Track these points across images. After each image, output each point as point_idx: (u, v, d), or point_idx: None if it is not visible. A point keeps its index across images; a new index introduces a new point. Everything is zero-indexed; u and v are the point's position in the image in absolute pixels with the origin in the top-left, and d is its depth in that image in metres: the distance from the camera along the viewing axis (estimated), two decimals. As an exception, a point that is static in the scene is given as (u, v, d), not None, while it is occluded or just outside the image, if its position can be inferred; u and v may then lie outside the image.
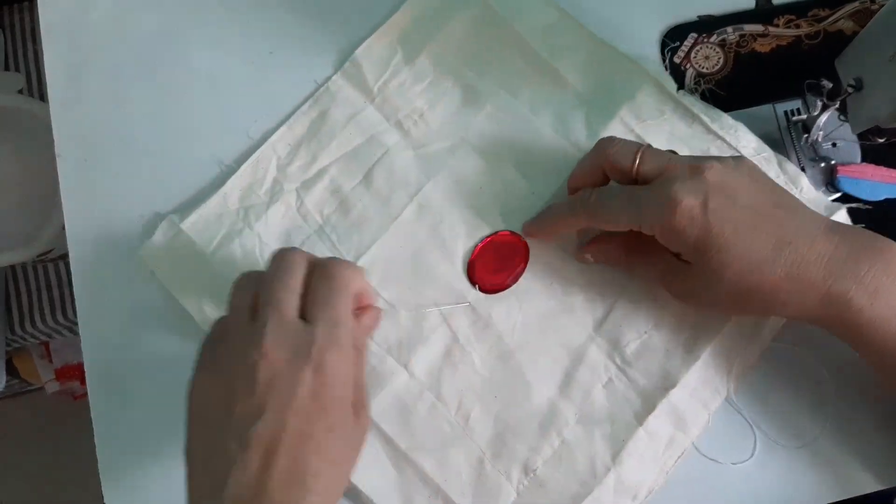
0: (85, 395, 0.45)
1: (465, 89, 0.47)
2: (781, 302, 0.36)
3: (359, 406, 0.35)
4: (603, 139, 0.41)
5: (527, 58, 0.47)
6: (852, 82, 0.42)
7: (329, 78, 0.48)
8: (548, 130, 0.46)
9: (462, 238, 0.45)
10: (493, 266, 0.44)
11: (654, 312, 0.43)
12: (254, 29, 0.49)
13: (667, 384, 0.42)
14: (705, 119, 0.45)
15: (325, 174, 0.46)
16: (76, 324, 0.52)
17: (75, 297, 0.45)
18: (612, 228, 0.40)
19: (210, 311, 0.44)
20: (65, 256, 0.88)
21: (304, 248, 0.43)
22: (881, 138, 0.44)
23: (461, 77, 0.48)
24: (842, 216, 0.44)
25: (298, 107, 0.47)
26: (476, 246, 0.45)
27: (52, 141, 0.48)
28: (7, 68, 0.92)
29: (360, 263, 0.44)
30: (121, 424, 0.44)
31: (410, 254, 0.45)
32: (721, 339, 0.42)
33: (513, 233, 0.45)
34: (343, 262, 0.36)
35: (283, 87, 0.48)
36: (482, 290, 0.44)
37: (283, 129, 0.47)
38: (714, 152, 0.45)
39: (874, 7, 0.49)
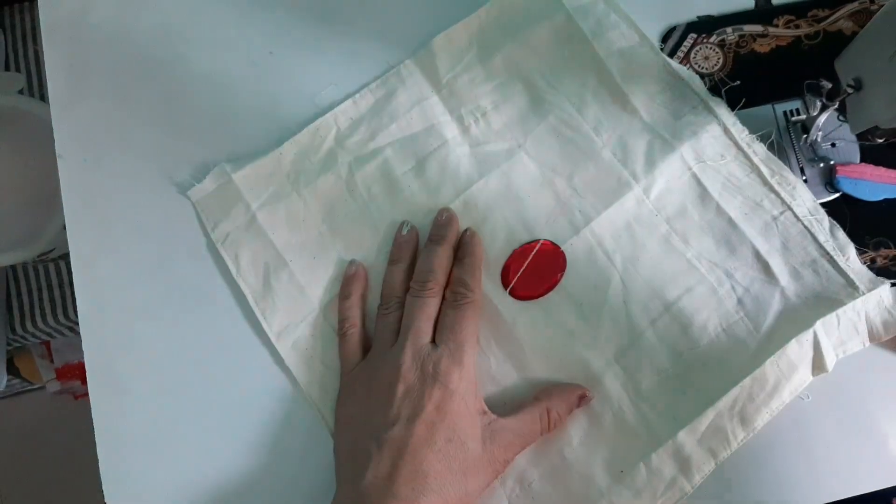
0: (86, 394, 0.45)
1: (533, 97, 0.47)
2: None
3: (485, 427, 0.40)
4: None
5: (600, 77, 0.47)
6: (851, 83, 0.42)
7: (402, 62, 0.48)
8: (607, 153, 0.46)
9: (501, 242, 0.45)
10: (528, 273, 0.44)
11: (676, 353, 0.43)
12: (254, 29, 0.49)
13: (676, 425, 0.41)
14: (765, 171, 0.45)
15: (380, 154, 0.46)
16: (77, 323, 0.52)
17: (76, 297, 0.45)
18: None
19: (246, 265, 0.45)
20: (65, 256, 0.88)
21: (345, 223, 0.45)
22: (880, 138, 0.44)
23: (531, 84, 0.47)
24: (886, 293, 0.43)
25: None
26: (514, 251, 0.45)
27: (53, 141, 0.48)
28: (7, 68, 0.92)
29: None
30: (121, 424, 0.44)
31: None
32: (740, 391, 0.41)
33: (554, 244, 0.44)
34: (469, 289, 0.42)
35: (283, 89, 0.48)
36: (513, 294, 0.44)
37: (347, 102, 0.47)
38: (766, 205, 0.45)
39: (874, 7, 0.49)
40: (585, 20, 0.48)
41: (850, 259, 0.44)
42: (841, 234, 0.44)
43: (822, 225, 0.44)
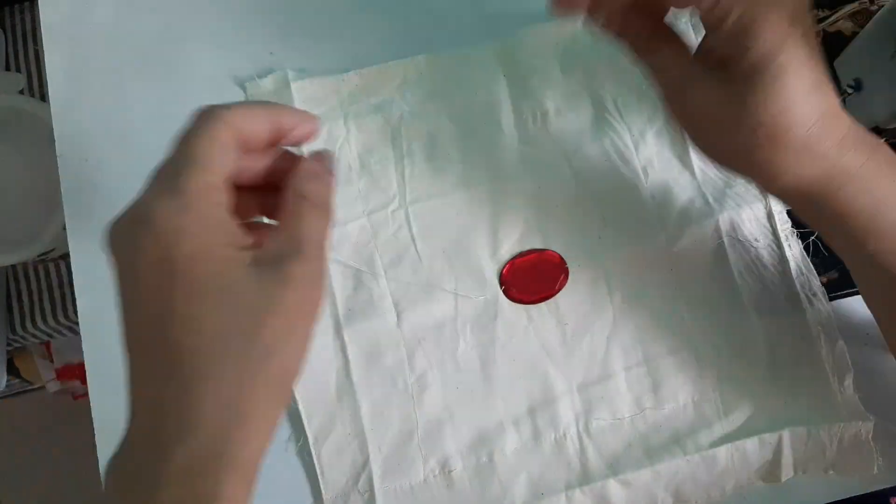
0: (86, 394, 0.45)
1: (597, 116, 0.47)
2: (792, 162, 0.32)
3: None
4: None
5: (669, 121, 0.46)
6: (852, 83, 0.42)
7: (483, 45, 0.48)
8: (647, 194, 0.45)
9: (513, 239, 0.45)
10: (526, 278, 0.44)
11: (639, 405, 0.43)
12: (254, 29, 0.49)
13: (610, 472, 0.42)
14: (793, 268, 0.44)
15: (433, 117, 0.47)
16: (77, 323, 0.52)
17: (76, 297, 0.45)
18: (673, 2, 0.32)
19: None
20: (66, 256, 0.88)
21: (376, 168, 0.46)
22: (881, 139, 0.44)
23: (600, 103, 0.47)
24: (868, 427, 0.41)
25: None
26: (522, 251, 0.45)
27: (53, 141, 0.48)
28: (8, 68, 0.92)
29: (411, 209, 0.45)
30: (121, 424, 0.44)
31: (461, 226, 0.45)
32: (685, 466, 0.41)
33: (562, 259, 0.44)
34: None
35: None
36: (505, 293, 0.44)
37: (421, 56, 0.47)
38: (781, 302, 0.44)
39: (873, 8, 0.49)
40: None
41: (846, 385, 0.42)
42: (845, 359, 0.43)
43: (829, 341, 0.43)
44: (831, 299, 0.45)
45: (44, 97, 0.89)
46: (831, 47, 0.48)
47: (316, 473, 0.42)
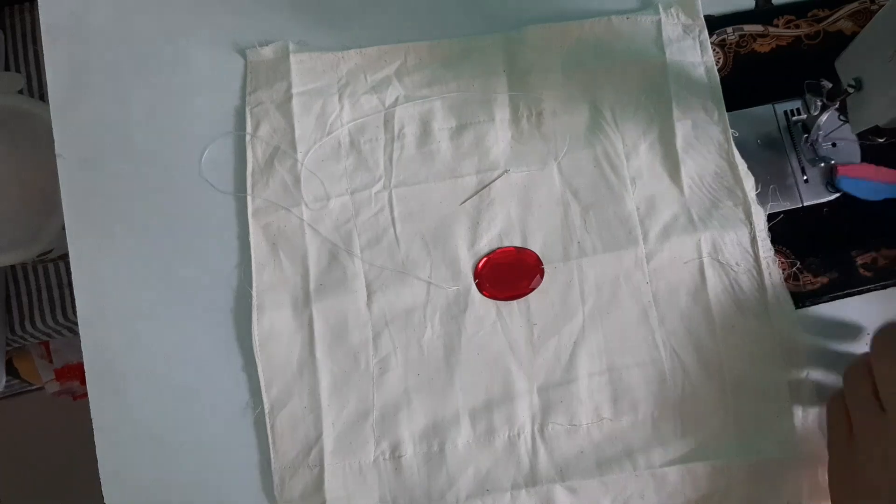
0: (85, 395, 0.45)
1: (592, 121, 0.47)
2: None
3: None
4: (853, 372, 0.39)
5: (663, 136, 0.46)
6: (852, 82, 0.42)
7: (490, 34, 0.48)
8: (631, 204, 0.45)
9: (492, 234, 0.45)
10: (501, 274, 0.44)
11: (597, 415, 0.43)
12: (254, 28, 0.49)
13: (558, 477, 0.42)
14: (770, 297, 0.44)
15: (428, 103, 0.47)
16: (76, 324, 0.52)
17: (75, 297, 0.45)
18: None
19: (260, 135, 0.47)
20: (65, 256, 0.88)
21: (365, 147, 0.46)
22: (881, 138, 0.44)
23: (597, 109, 0.47)
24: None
25: None
26: (499, 248, 0.45)
27: (53, 141, 0.48)
28: (7, 69, 0.92)
29: (395, 192, 0.46)
30: (121, 424, 0.44)
31: (442, 214, 0.45)
32: (634, 481, 0.42)
33: (539, 260, 0.44)
34: None
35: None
36: (478, 287, 0.44)
37: (424, 43, 0.48)
38: (754, 328, 0.43)
39: (874, 7, 0.49)
40: (678, 77, 0.47)
41: (811, 420, 0.42)
42: (813, 393, 0.42)
43: (798, 374, 0.43)
44: (830, 299, 0.45)
45: (44, 97, 0.89)
46: (831, 47, 0.48)
47: (268, 444, 0.43)
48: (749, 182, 0.45)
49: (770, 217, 0.45)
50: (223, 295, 0.45)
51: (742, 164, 0.46)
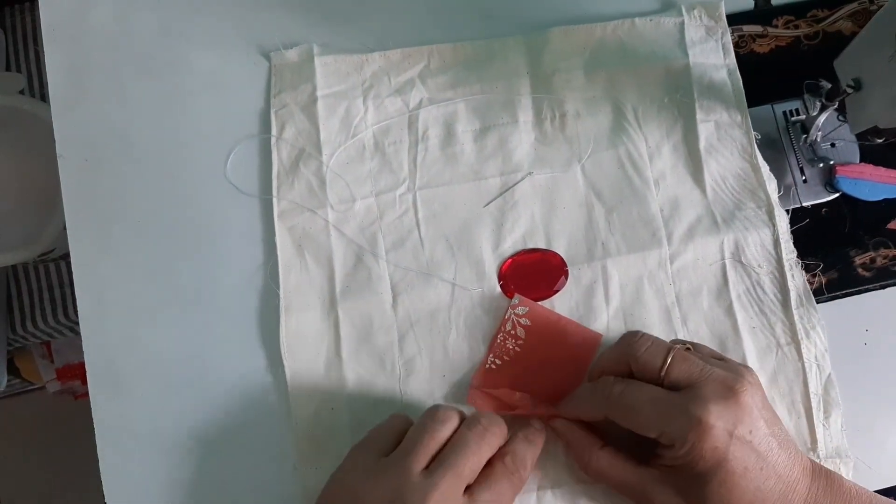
0: (86, 394, 0.45)
1: (615, 123, 0.47)
2: None
3: None
4: (630, 334, 0.39)
5: (687, 136, 0.46)
6: (851, 83, 0.42)
7: (511, 37, 0.48)
8: (655, 206, 0.45)
9: (517, 236, 0.45)
10: (525, 276, 0.44)
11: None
12: (254, 28, 0.49)
13: (584, 477, 0.40)
14: (793, 299, 0.44)
15: (452, 105, 0.47)
16: (77, 323, 0.52)
17: (76, 297, 0.45)
18: (626, 426, 0.37)
19: (285, 138, 0.47)
20: (66, 256, 0.88)
21: (389, 149, 0.46)
22: (880, 139, 0.44)
23: (620, 111, 0.47)
24: (849, 468, 0.42)
25: None
26: (523, 250, 0.45)
27: (53, 141, 0.48)
28: (8, 69, 0.92)
29: (420, 194, 0.46)
30: (122, 424, 0.44)
31: (466, 216, 0.46)
32: None
33: (563, 262, 0.45)
34: (479, 431, 0.37)
35: (283, 87, 0.48)
36: (503, 289, 0.44)
37: (447, 44, 0.48)
38: (778, 330, 0.43)
39: (873, 7, 0.49)
40: (701, 79, 0.47)
41: (832, 420, 0.42)
42: (834, 392, 0.42)
43: (821, 375, 0.43)
44: (831, 299, 0.45)
45: (44, 97, 0.89)
46: (830, 47, 0.48)
47: (283, 443, 0.42)
48: (772, 184, 0.45)
49: (769, 217, 0.45)
50: (226, 296, 0.45)
51: (765, 167, 0.46)
